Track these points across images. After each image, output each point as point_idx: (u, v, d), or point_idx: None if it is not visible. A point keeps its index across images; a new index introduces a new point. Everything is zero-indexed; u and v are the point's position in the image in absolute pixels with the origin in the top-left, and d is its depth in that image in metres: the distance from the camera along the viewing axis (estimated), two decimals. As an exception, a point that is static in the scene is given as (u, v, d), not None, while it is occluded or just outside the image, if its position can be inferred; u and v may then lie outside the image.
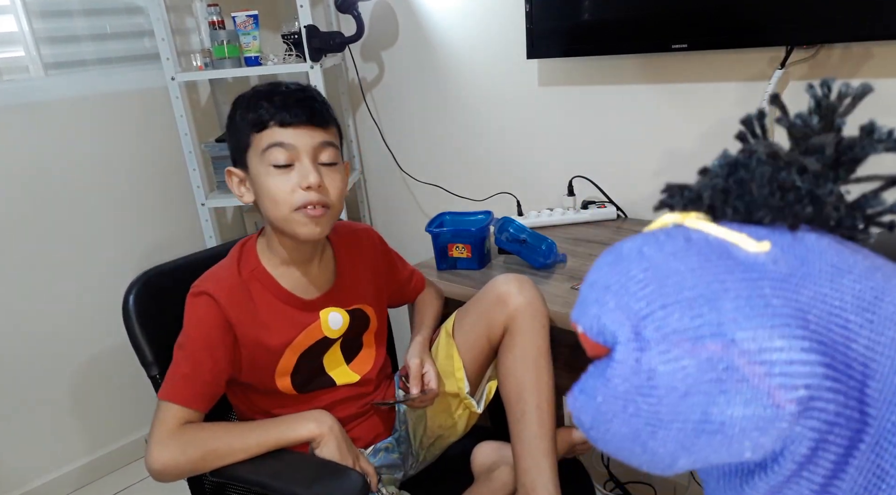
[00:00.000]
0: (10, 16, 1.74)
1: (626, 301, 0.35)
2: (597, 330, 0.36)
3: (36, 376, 1.85)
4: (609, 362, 0.35)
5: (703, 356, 0.32)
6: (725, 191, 0.38)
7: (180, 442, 0.92)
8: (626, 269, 0.37)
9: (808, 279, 0.34)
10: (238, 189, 1.00)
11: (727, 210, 0.38)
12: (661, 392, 0.33)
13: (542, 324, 1.06)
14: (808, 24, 1.16)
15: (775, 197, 0.37)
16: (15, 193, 1.75)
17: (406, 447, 1.15)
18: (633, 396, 0.34)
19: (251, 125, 0.94)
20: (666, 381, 0.33)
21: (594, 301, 0.37)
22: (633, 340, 0.34)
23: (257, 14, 1.82)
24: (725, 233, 0.37)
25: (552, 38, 1.51)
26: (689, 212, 0.40)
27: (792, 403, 0.31)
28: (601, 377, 0.36)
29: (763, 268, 0.34)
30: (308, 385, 1.06)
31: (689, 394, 0.32)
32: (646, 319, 0.34)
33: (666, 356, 0.33)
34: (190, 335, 0.97)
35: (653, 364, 0.33)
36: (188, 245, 2.11)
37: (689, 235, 0.37)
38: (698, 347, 0.32)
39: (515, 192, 1.78)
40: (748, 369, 0.31)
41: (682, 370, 0.32)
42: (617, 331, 0.35)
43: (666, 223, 0.40)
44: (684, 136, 1.48)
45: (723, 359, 0.32)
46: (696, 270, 0.34)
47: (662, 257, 0.36)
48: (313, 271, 1.06)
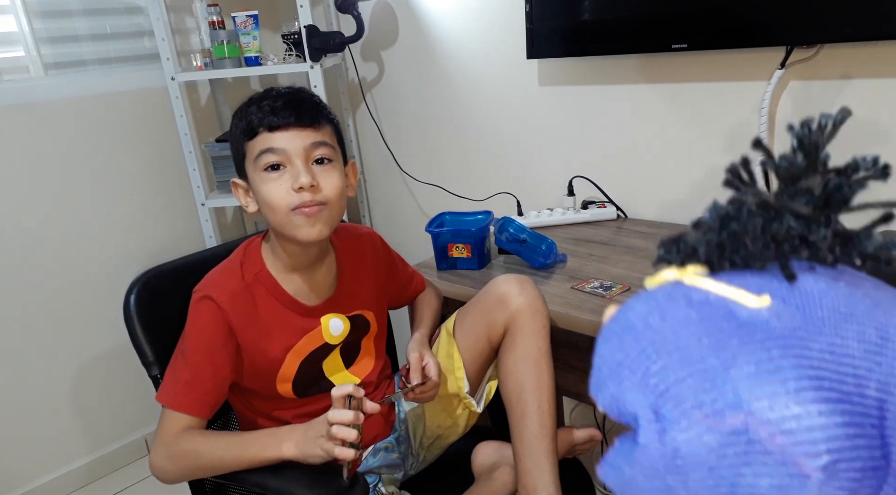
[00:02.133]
0: (10, 16, 1.74)
1: (641, 378, 0.35)
2: (616, 410, 0.37)
3: (36, 376, 1.85)
4: (634, 443, 0.36)
5: (725, 430, 0.32)
6: (720, 246, 0.39)
7: (176, 452, 0.93)
8: (635, 343, 0.37)
9: (813, 330, 0.34)
10: (244, 199, 1.00)
11: (724, 263, 0.39)
12: (688, 468, 0.33)
13: (543, 325, 1.06)
14: (808, 24, 1.16)
15: (770, 248, 0.37)
16: (15, 193, 1.75)
17: (406, 447, 1.15)
18: (661, 474, 0.34)
19: (243, 133, 0.94)
20: (691, 458, 0.33)
21: (608, 379, 0.37)
22: (653, 421, 0.34)
23: (257, 14, 1.83)
24: (725, 289, 0.37)
25: (552, 38, 1.51)
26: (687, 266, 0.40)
27: (818, 471, 0.31)
28: (628, 455, 0.36)
29: (767, 327, 0.34)
30: (308, 390, 1.06)
31: (715, 469, 0.32)
32: (663, 397, 0.34)
33: (688, 433, 0.33)
34: (193, 340, 0.97)
35: (677, 443, 0.33)
36: (188, 245, 2.11)
37: (690, 296, 0.37)
38: (718, 421, 0.32)
39: (515, 192, 1.78)
40: (770, 440, 0.31)
41: (705, 446, 0.33)
42: (637, 412, 0.35)
43: (665, 279, 0.40)
44: (684, 136, 1.48)
45: (744, 432, 0.32)
46: (703, 338, 0.34)
47: (668, 327, 0.36)
48: (316, 277, 1.05)
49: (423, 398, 1.05)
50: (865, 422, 0.32)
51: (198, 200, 1.98)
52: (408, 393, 1.02)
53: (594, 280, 1.21)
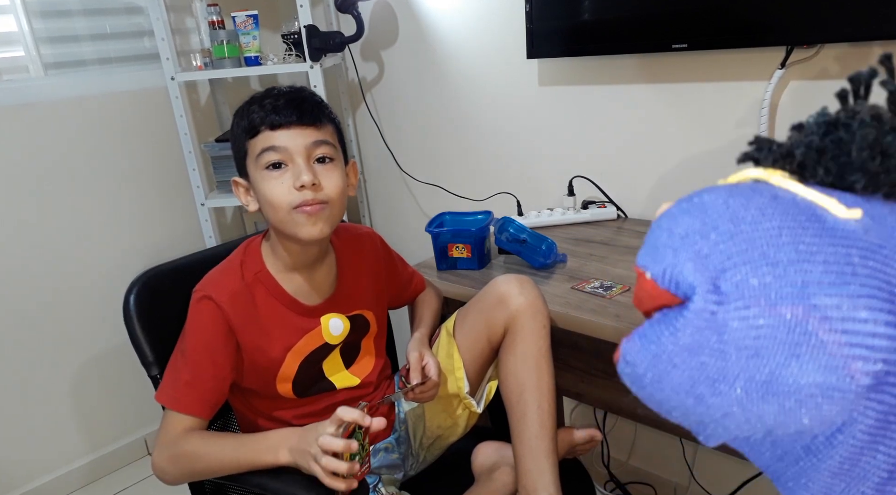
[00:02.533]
0: (10, 16, 1.74)
1: (708, 252, 0.34)
2: (670, 277, 0.35)
3: (36, 376, 1.85)
4: (680, 312, 0.34)
5: (782, 317, 0.31)
6: (820, 151, 0.37)
7: (175, 454, 0.93)
8: (709, 219, 0.35)
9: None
10: (244, 198, 1.00)
11: (819, 170, 0.37)
12: (732, 348, 0.32)
13: (543, 325, 1.06)
14: (808, 24, 1.16)
15: (875, 161, 0.35)
16: (15, 193, 1.75)
17: (406, 447, 1.15)
18: (702, 349, 0.33)
19: (244, 132, 0.94)
20: (738, 338, 0.32)
21: (670, 248, 0.36)
22: (711, 292, 0.33)
23: (257, 14, 1.83)
24: (815, 195, 0.35)
25: (552, 38, 1.51)
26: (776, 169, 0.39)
27: (867, 376, 0.31)
28: (669, 325, 0.34)
29: (853, 236, 0.33)
30: (308, 390, 1.06)
31: (759, 354, 0.32)
32: (727, 272, 0.33)
33: (743, 312, 0.32)
34: (192, 340, 0.97)
35: (728, 318, 0.32)
36: (188, 245, 2.10)
37: (775, 193, 0.36)
38: (778, 308, 0.32)
39: (515, 192, 1.78)
40: (827, 336, 0.31)
41: (757, 328, 0.32)
42: (695, 282, 0.34)
43: (747, 177, 0.38)
44: (684, 136, 1.48)
45: (802, 323, 0.31)
46: (784, 230, 0.33)
47: (749, 212, 0.35)
48: (316, 276, 1.05)
49: (423, 398, 1.05)
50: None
51: (197, 200, 1.98)
52: (408, 394, 1.02)
53: (594, 280, 1.21)
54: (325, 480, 0.81)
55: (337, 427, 0.83)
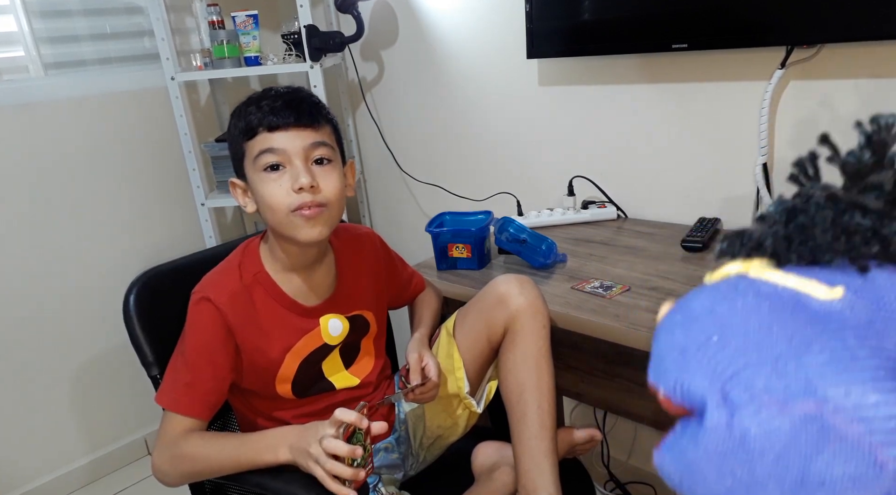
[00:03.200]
0: (10, 16, 1.74)
1: (708, 363, 0.35)
2: (681, 394, 0.36)
3: (36, 376, 1.85)
4: (698, 425, 0.35)
5: (797, 415, 0.32)
6: (788, 238, 0.38)
7: (175, 456, 0.93)
8: (701, 331, 0.36)
9: (889, 323, 0.33)
10: (242, 199, 1.00)
11: (791, 256, 0.38)
12: (756, 454, 0.33)
13: (543, 325, 1.06)
14: (808, 24, 1.16)
15: (840, 241, 0.36)
16: (15, 193, 1.75)
17: (406, 447, 1.15)
18: (727, 459, 0.34)
19: (242, 133, 0.94)
20: (760, 443, 0.32)
21: (673, 364, 0.37)
22: (721, 404, 0.34)
23: (257, 14, 1.83)
24: (795, 281, 0.36)
25: (552, 38, 1.51)
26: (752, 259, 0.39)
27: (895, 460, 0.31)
28: (692, 439, 0.35)
29: (841, 318, 0.34)
30: (308, 390, 1.06)
31: (784, 455, 0.32)
32: (732, 381, 0.34)
33: (758, 417, 0.32)
34: (192, 342, 0.97)
35: (745, 426, 0.33)
36: (188, 245, 2.11)
37: (757, 289, 0.37)
38: (790, 407, 0.32)
39: (515, 192, 1.78)
40: (845, 427, 0.31)
41: (776, 430, 0.32)
42: (704, 395, 0.34)
43: (728, 273, 0.39)
44: (684, 136, 1.48)
45: (817, 418, 0.31)
46: (774, 326, 0.34)
47: (736, 315, 0.35)
48: (315, 277, 1.05)
49: (423, 398, 1.05)
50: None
51: (197, 200, 1.98)
52: (408, 394, 1.02)
53: (594, 280, 1.21)
54: (329, 484, 0.81)
55: (337, 428, 0.83)
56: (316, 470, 0.82)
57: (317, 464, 0.82)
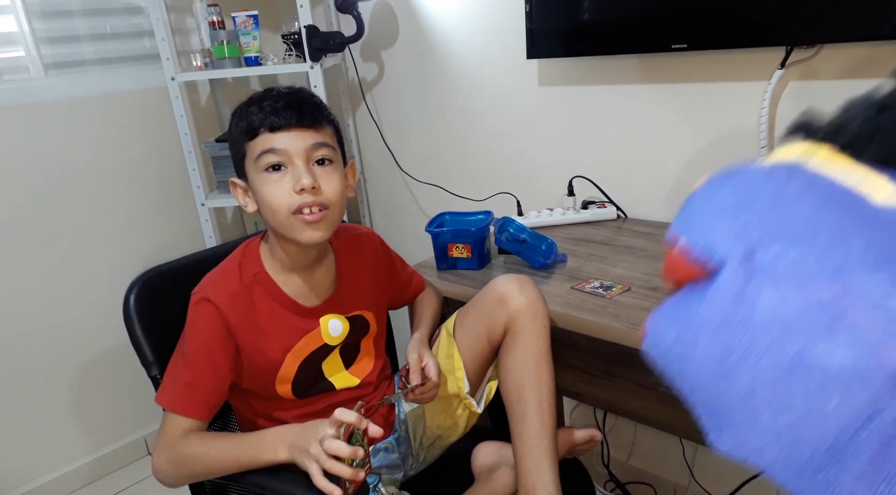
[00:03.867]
0: (10, 16, 1.74)
1: (744, 224, 0.33)
2: (704, 246, 0.34)
3: (37, 376, 1.85)
4: (710, 283, 0.33)
5: (815, 294, 0.31)
6: (872, 130, 0.36)
7: (175, 456, 0.93)
8: (747, 195, 0.34)
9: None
10: (242, 199, 1.00)
11: (872, 146, 0.36)
12: (761, 323, 0.31)
13: (543, 325, 1.06)
14: (808, 24, 1.16)
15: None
16: (15, 193, 1.75)
17: (406, 447, 1.15)
18: (731, 321, 0.32)
19: (243, 133, 0.94)
20: (768, 313, 0.31)
21: (707, 216, 0.35)
22: (742, 265, 0.32)
23: (257, 14, 1.83)
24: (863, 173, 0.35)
25: (552, 38, 1.51)
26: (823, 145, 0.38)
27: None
28: (698, 297, 0.34)
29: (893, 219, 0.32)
30: (308, 391, 1.06)
31: (788, 330, 0.31)
32: (762, 247, 0.32)
33: (775, 288, 0.31)
34: (192, 342, 0.97)
35: (759, 292, 0.31)
36: (188, 245, 2.11)
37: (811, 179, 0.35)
38: (813, 285, 0.31)
39: (515, 192, 1.78)
40: (860, 317, 0.30)
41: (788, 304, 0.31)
42: (729, 252, 0.33)
43: (793, 153, 0.37)
44: (684, 136, 1.48)
45: (835, 302, 0.30)
46: (821, 213, 0.33)
47: (787, 193, 0.34)
48: (315, 278, 1.05)
49: (423, 399, 1.05)
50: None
51: (198, 200, 1.98)
52: (408, 394, 1.02)
53: (594, 280, 1.21)
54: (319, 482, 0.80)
55: (336, 428, 0.83)
56: (311, 466, 0.82)
57: (314, 463, 0.82)
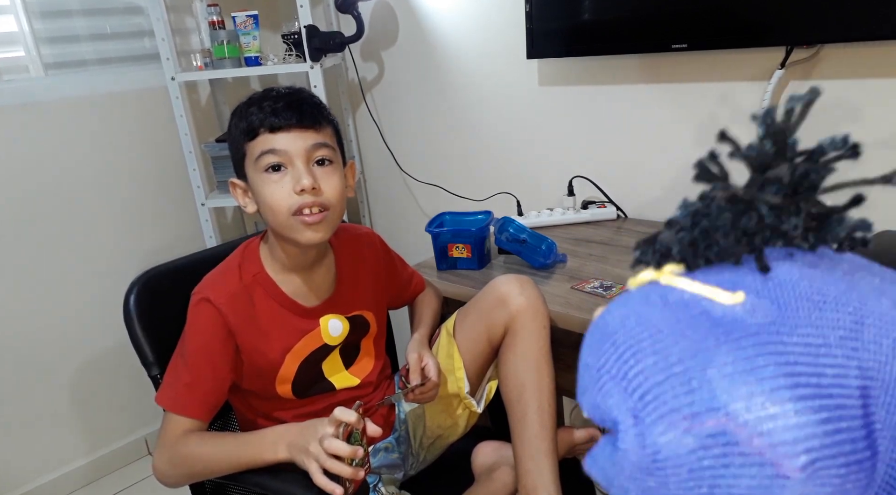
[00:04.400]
0: (10, 16, 1.74)
1: (619, 382, 0.35)
2: (598, 416, 0.37)
3: (36, 376, 1.85)
4: (615, 445, 0.36)
5: (703, 432, 0.32)
6: (693, 244, 0.38)
7: (175, 456, 0.93)
8: (613, 348, 0.37)
9: (787, 324, 0.33)
10: (242, 199, 1.00)
11: (699, 261, 0.38)
12: (668, 471, 0.33)
13: (543, 325, 1.06)
14: (808, 24, 1.16)
15: (742, 243, 0.36)
16: (15, 193, 1.75)
17: (406, 447, 1.15)
18: (643, 475, 0.34)
19: (243, 134, 0.94)
20: (671, 461, 0.33)
21: (591, 384, 0.38)
22: (632, 426, 0.34)
23: (257, 14, 1.83)
24: (699, 288, 0.36)
25: (552, 38, 1.51)
26: (663, 266, 0.40)
27: (797, 471, 0.31)
28: (611, 457, 0.36)
29: (742, 324, 0.34)
30: (308, 391, 1.06)
31: (694, 470, 0.32)
32: (641, 401, 0.34)
33: (667, 436, 0.33)
34: (192, 343, 0.97)
35: (657, 445, 0.33)
36: (188, 245, 2.10)
37: (666, 296, 0.37)
38: (696, 424, 0.32)
39: (515, 192, 1.78)
40: (748, 441, 0.31)
41: (684, 448, 0.32)
42: (617, 417, 0.35)
43: (643, 280, 0.40)
44: (684, 136, 1.48)
45: (723, 433, 0.32)
46: (679, 339, 0.34)
47: (645, 331, 0.36)
48: (315, 278, 1.05)
49: (423, 398, 1.05)
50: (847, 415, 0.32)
51: (198, 200, 1.98)
52: (408, 394, 1.02)
53: (594, 280, 1.21)
54: (320, 481, 0.81)
55: (336, 427, 0.83)
56: (311, 466, 0.82)
57: (314, 462, 0.82)
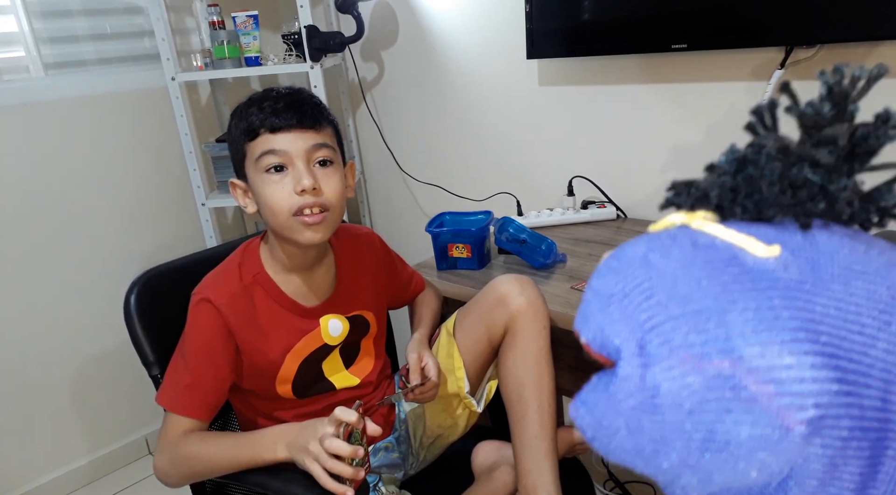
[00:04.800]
0: (10, 16, 1.74)
1: (631, 312, 0.34)
2: (600, 342, 0.35)
3: (36, 376, 1.85)
4: (612, 376, 0.34)
5: (710, 373, 0.31)
6: (734, 190, 0.37)
7: (175, 456, 0.93)
8: (630, 277, 0.35)
9: (820, 285, 0.32)
10: (242, 200, 1.00)
11: (736, 209, 0.37)
12: (666, 409, 0.32)
13: (543, 325, 1.06)
14: (808, 24, 1.16)
15: (786, 195, 0.35)
16: (15, 193, 1.75)
17: (406, 447, 1.15)
18: (637, 413, 0.33)
19: (244, 134, 0.93)
20: (671, 398, 0.32)
21: (597, 310, 0.36)
22: (637, 355, 0.33)
23: (257, 14, 1.83)
24: (733, 236, 0.35)
25: (552, 38, 1.51)
26: (696, 211, 0.39)
27: (801, 424, 0.30)
28: (604, 391, 0.35)
29: (773, 276, 0.33)
30: (308, 391, 1.06)
31: (694, 412, 0.32)
32: (651, 333, 0.33)
33: (671, 372, 0.32)
34: (192, 343, 0.97)
35: (657, 380, 0.32)
36: (189, 245, 2.10)
37: (695, 239, 0.36)
38: (705, 364, 0.31)
39: (515, 192, 1.78)
40: (756, 388, 0.30)
41: (687, 387, 0.32)
42: (621, 345, 0.34)
43: (672, 223, 0.38)
44: (684, 136, 1.48)
45: (730, 377, 0.31)
46: (703, 280, 0.33)
47: (668, 265, 0.34)
48: (315, 278, 1.05)
49: (423, 398, 1.05)
50: (863, 382, 0.31)
51: (198, 200, 1.98)
52: (408, 394, 1.02)
53: (594, 280, 1.21)
54: (327, 483, 0.81)
55: (337, 427, 0.83)
56: (314, 467, 0.82)
57: (314, 462, 0.82)
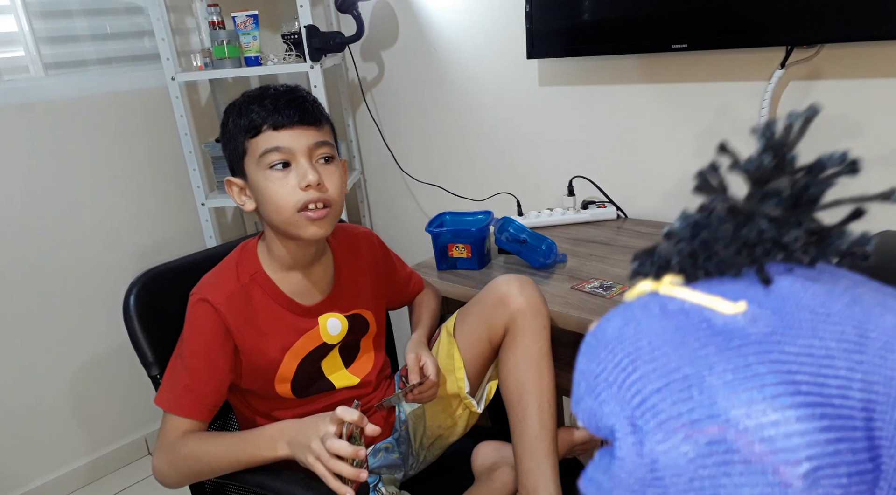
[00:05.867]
0: (10, 16, 1.74)
1: (616, 392, 0.35)
2: (594, 425, 0.36)
3: (36, 376, 1.85)
4: (612, 455, 0.35)
5: (703, 440, 0.32)
6: (692, 255, 0.38)
7: (175, 457, 0.93)
8: (611, 356, 0.37)
9: (790, 333, 0.33)
10: (239, 198, 0.99)
11: (698, 273, 0.38)
12: (668, 481, 0.33)
13: (543, 325, 1.06)
14: (808, 24, 1.16)
15: (742, 254, 0.36)
16: (15, 193, 1.75)
17: (406, 447, 1.15)
18: (640, 487, 0.34)
19: (245, 131, 0.93)
20: (670, 470, 0.33)
21: (587, 392, 0.37)
22: (630, 433, 0.34)
23: (257, 14, 1.83)
24: (700, 297, 0.36)
25: (552, 38, 1.51)
26: (662, 277, 0.39)
27: (799, 479, 0.31)
28: (607, 469, 0.36)
29: (743, 333, 0.33)
30: (307, 390, 1.06)
31: (694, 480, 0.32)
32: (639, 408, 0.34)
33: (665, 445, 0.33)
34: (190, 344, 0.97)
35: (654, 454, 0.33)
36: (188, 245, 2.11)
37: (665, 305, 0.37)
38: (696, 431, 0.32)
39: (515, 192, 1.78)
40: (749, 449, 0.31)
41: (683, 456, 0.32)
42: (614, 426, 0.35)
43: (642, 291, 0.40)
44: (684, 136, 1.48)
45: (722, 441, 0.32)
46: (679, 347, 0.34)
47: (643, 338, 0.36)
48: (313, 276, 1.05)
49: (423, 398, 1.05)
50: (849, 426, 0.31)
51: (198, 200, 1.98)
52: (407, 394, 1.02)
53: (594, 280, 1.21)
54: (331, 483, 0.81)
55: (339, 426, 0.83)
56: (317, 466, 0.82)
57: (318, 461, 0.82)
